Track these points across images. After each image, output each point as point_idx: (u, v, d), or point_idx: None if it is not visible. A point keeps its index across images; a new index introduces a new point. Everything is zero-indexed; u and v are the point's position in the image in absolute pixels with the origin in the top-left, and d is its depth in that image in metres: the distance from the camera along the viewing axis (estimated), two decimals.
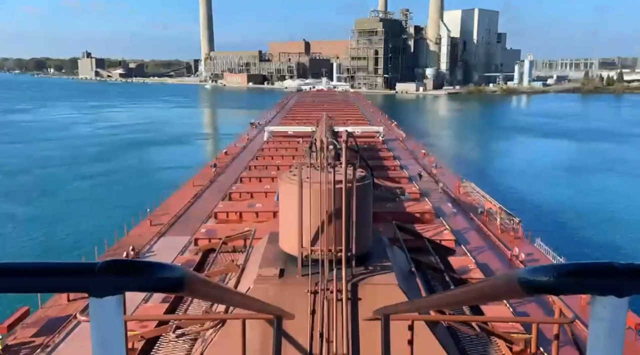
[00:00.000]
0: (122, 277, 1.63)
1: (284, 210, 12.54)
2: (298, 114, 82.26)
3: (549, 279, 1.70)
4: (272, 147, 51.00)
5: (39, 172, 66.88)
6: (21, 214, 47.27)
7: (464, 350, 12.86)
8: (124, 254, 22.47)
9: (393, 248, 15.40)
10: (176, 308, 15.54)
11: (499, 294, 2.42)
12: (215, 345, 10.68)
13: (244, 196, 32.20)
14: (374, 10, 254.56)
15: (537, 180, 63.36)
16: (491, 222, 28.18)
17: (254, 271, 12.23)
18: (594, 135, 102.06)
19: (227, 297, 3.95)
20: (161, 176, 61.74)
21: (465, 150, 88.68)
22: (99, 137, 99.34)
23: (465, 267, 20.64)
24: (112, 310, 1.61)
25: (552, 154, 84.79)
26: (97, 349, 1.64)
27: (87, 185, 59.34)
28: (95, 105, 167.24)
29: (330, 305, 10.38)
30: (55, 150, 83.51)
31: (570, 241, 37.06)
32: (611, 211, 49.87)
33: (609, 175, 67.18)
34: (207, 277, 3.33)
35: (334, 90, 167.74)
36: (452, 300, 4.30)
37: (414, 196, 31.46)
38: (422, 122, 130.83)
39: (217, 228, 25.58)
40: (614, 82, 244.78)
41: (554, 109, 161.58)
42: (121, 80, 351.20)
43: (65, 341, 15.99)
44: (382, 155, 46.98)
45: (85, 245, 32.74)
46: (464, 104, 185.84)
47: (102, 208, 48.61)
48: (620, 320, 1.63)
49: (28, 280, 1.59)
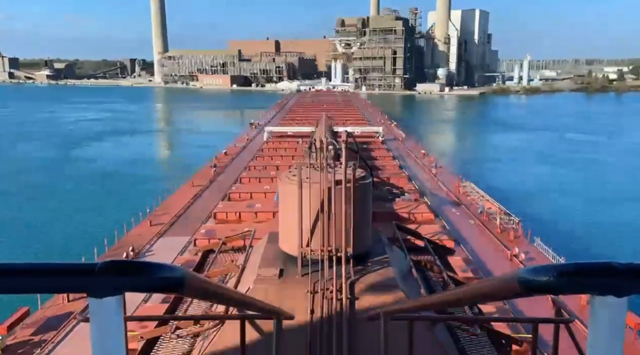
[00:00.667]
0: (122, 277, 1.63)
1: (284, 211, 12.54)
2: (297, 114, 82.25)
3: (548, 279, 1.70)
4: (272, 147, 51.00)
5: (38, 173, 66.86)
6: (21, 214, 47.23)
7: (464, 350, 12.86)
8: (124, 254, 22.48)
9: (392, 248, 15.39)
10: (176, 308, 15.53)
11: (499, 294, 2.42)
12: (215, 345, 10.67)
13: (243, 196, 32.20)
14: (387, 8, 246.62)
15: (536, 179, 63.43)
16: (491, 222, 28.19)
17: (254, 271, 12.23)
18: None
19: (226, 297, 3.95)
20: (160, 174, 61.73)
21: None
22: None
23: (465, 267, 20.66)
24: (112, 310, 1.62)
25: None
26: (97, 349, 1.64)
27: (87, 185, 59.32)
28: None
29: (329, 305, 10.38)
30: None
31: (569, 241, 37.03)
32: (611, 211, 49.89)
33: (609, 175, 67.22)
34: (206, 278, 3.33)
35: (334, 91, 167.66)
36: (452, 300, 4.30)
37: (413, 196, 31.46)
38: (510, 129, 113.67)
39: (217, 228, 25.59)
40: (610, 81, 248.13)
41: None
42: (49, 82, 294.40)
43: (65, 341, 15.99)
44: (381, 155, 46.98)
45: (85, 246, 32.70)
46: (515, 106, 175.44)
47: (102, 208, 48.59)
48: (619, 320, 1.63)
49: (28, 280, 1.60)
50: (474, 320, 13.31)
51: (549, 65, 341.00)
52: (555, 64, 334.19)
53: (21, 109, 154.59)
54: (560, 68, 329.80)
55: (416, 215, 27.67)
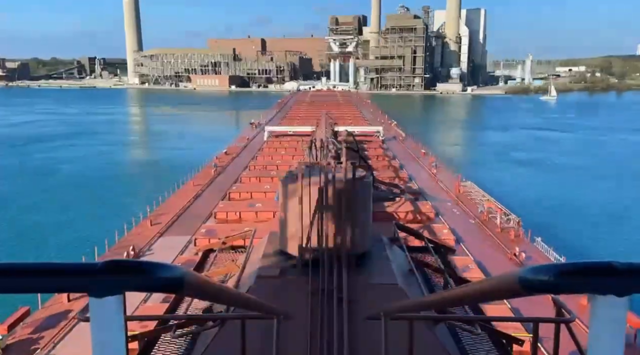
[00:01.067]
0: (122, 277, 1.63)
1: (284, 210, 12.54)
2: (298, 114, 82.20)
3: (549, 279, 1.70)
4: (272, 147, 50.97)
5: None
6: (21, 215, 47.24)
7: (465, 350, 12.85)
8: (124, 254, 22.47)
9: (393, 248, 15.39)
10: (176, 308, 15.52)
11: (500, 294, 2.42)
12: (215, 345, 10.67)
13: (243, 196, 32.19)
14: (402, 7, 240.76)
15: (536, 179, 63.40)
16: (491, 222, 28.18)
17: (254, 271, 12.24)
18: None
19: (227, 297, 3.94)
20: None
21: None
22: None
23: (465, 266, 20.65)
24: (112, 310, 1.62)
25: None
26: (97, 349, 1.64)
27: (87, 185, 59.34)
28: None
29: (330, 305, 10.38)
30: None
31: (570, 240, 37.02)
32: (612, 211, 49.86)
33: (610, 174, 67.17)
34: (207, 277, 3.33)
35: (334, 91, 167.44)
36: (452, 300, 4.30)
37: (413, 196, 31.45)
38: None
39: (217, 228, 25.58)
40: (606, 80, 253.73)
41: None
42: (3, 84, 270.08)
43: (65, 341, 16.00)
44: (381, 155, 46.97)
45: (86, 245, 32.71)
46: (562, 105, 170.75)
47: (102, 208, 48.60)
48: (620, 319, 1.63)
49: (29, 280, 1.60)
50: (475, 320, 13.30)
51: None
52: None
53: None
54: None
55: (416, 215, 27.66)
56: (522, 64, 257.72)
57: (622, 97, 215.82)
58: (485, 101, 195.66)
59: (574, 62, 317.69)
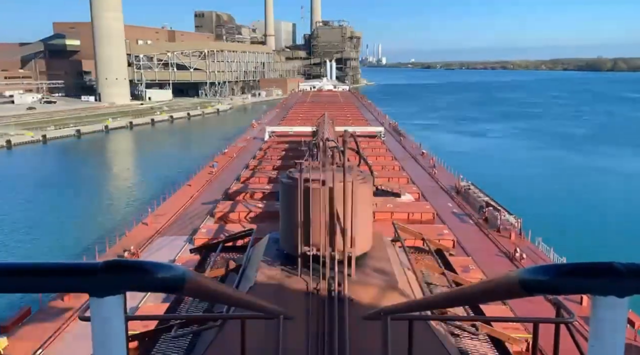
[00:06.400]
0: (123, 277, 1.63)
1: (284, 210, 12.54)
2: (298, 114, 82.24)
3: (549, 279, 1.70)
4: (272, 147, 51.01)
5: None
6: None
7: (464, 350, 12.85)
8: (125, 254, 22.50)
9: (393, 248, 15.40)
10: (176, 308, 15.53)
11: (499, 294, 2.42)
12: (215, 345, 10.67)
13: (243, 196, 32.19)
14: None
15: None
16: (491, 222, 28.16)
17: (254, 271, 12.24)
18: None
19: (227, 297, 3.94)
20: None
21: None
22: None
23: (465, 267, 20.64)
24: (113, 310, 1.62)
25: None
26: (98, 348, 1.64)
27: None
28: None
29: (330, 305, 10.38)
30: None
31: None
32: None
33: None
34: (207, 277, 3.33)
35: (335, 90, 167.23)
36: (453, 300, 4.30)
37: (414, 196, 31.46)
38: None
39: (217, 228, 25.59)
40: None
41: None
42: None
43: (65, 341, 16.01)
44: (382, 155, 47.00)
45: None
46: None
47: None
48: (620, 320, 1.63)
49: (30, 280, 1.60)
50: (475, 320, 13.30)
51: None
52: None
53: None
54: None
55: (416, 215, 27.68)
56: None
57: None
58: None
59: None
